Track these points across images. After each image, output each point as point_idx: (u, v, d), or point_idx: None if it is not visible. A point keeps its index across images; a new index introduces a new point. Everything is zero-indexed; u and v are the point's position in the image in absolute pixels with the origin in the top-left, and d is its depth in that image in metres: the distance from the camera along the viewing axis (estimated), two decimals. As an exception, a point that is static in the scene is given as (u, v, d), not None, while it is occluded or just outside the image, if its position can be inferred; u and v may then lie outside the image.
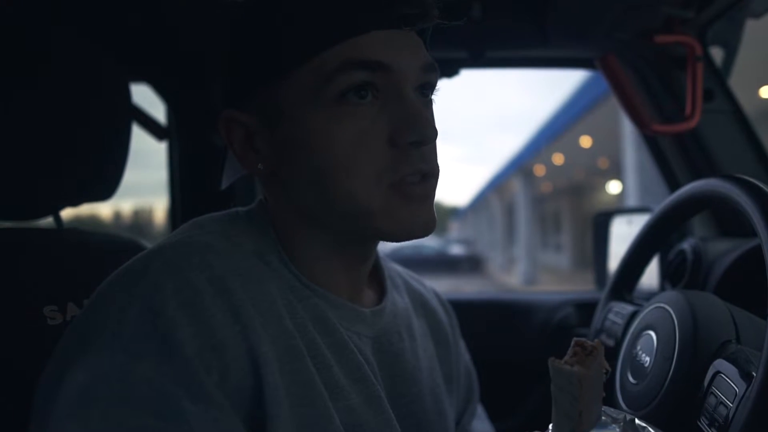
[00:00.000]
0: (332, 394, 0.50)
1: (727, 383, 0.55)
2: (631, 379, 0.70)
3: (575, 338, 0.45)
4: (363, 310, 0.57)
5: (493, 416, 1.24)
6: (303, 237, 0.54)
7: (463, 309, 1.41)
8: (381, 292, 0.63)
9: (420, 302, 0.71)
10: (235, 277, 0.46)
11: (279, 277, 0.52)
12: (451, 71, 1.22)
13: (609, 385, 0.77)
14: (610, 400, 0.77)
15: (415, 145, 0.50)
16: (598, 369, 0.43)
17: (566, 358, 0.43)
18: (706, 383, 0.58)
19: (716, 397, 0.55)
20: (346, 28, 0.48)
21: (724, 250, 0.99)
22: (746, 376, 0.53)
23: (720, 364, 0.58)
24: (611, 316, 0.84)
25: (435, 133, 0.50)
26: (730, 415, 0.52)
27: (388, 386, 0.58)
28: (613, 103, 1.35)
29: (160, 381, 0.40)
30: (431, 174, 0.52)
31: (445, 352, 0.70)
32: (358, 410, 0.52)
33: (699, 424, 0.57)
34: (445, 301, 0.77)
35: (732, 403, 0.53)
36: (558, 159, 13.53)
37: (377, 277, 0.65)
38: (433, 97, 0.55)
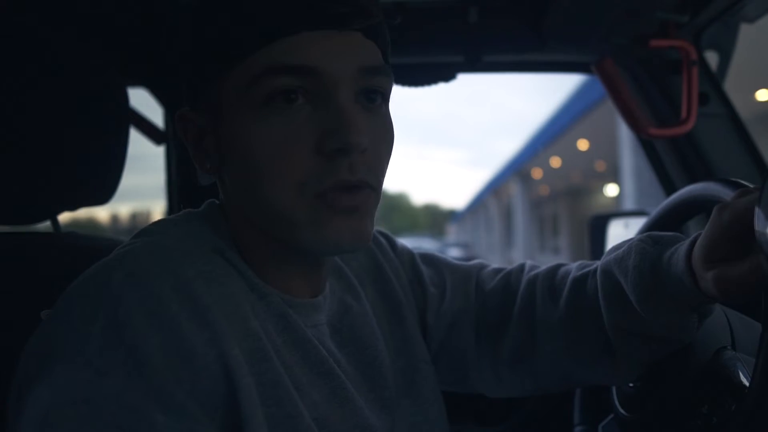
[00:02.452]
0: (298, 392, 0.49)
1: (721, 391, 0.55)
2: (627, 381, 0.71)
3: None
4: (317, 300, 0.57)
5: (492, 417, 1.24)
6: (254, 239, 0.54)
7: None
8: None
9: (372, 269, 0.69)
10: (199, 282, 0.45)
11: (240, 275, 0.51)
12: (447, 75, 1.22)
13: (606, 386, 0.77)
14: (606, 401, 0.77)
15: (341, 153, 0.47)
16: None
17: None
18: (700, 390, 0.58)
19: (710, 405, 0.56)
20: (272, 30, 0.47)
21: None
22: (739, 386, 0.54)
23: (714, 372, 0.58)
24: (608, 319, 0.84)
25: (360, 140, 0.47)
26: (724, 424, 0.52)
27: (353, 361, 0.58)
28: (610, 107, 1.36)
29: (129, 396, 0.39)
30: (361, 185, 0.49)
31: (383, 284, 0.68)
32: (322, 405, 0.51)
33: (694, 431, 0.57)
34: (402, 248, 0.73)
35: (725, 413, 0.53)
36: (555, 162, 13.56)
37: None
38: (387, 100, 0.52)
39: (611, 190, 14.04)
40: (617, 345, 0.63)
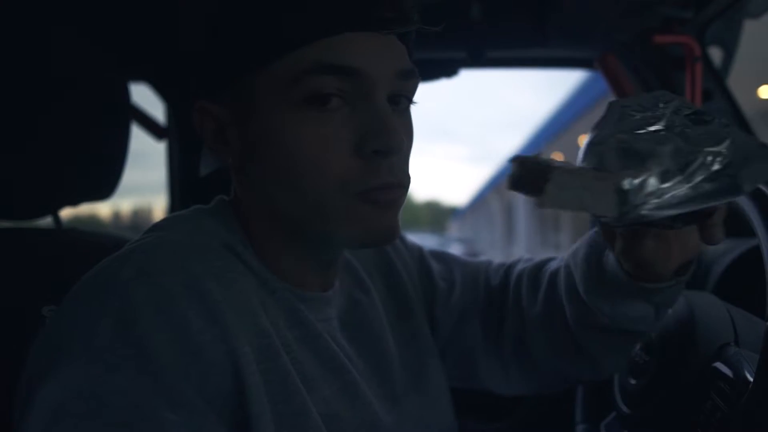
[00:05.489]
0: (308, 388, 0.49)
1: (724, 388, 0.55)
2: (630, 378, 0.70)
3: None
4: (328, 294, 0.57)
5: (496, 414, 1.24)
6: (271, 234, 0.53)
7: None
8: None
9: (382, 264, 0.69)
10: (209, 278, 0.45)
11: (251, 271, 0.51)
12: (450, 71, 1.22)
13: (608, 383, 0.77)
14: (609, 399, 0.77)
15: (381, 154, 0.48)
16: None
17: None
18: (703, 386, 0.58)
19: (713, 401, 0.55)
20: (319, 28, 0.47)
21: (723, 250, 1.00)
22: (743, 382, 0.53)
23: (718, 367, 0.58)
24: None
25: (401, 143, 0.48)
26: (726, 421, 0.52)
27: (362, 355, 0.59)
28: (612, 103, 1.35)
29: (137, 392, 0.39)
30: (398, 185, 0.50)
31: (392, 278, 0.68)
32: (333, 401, 0.52)
33: (696, 428, 0.57)
34: (412, 243, 0.75)
35: (728, 408, 0.53)
36: (557, 158, 13.53)
37: None
38: (413, 103, 0.54)
39: (613, 186, 13.98)
40: (580, 339, 0.63)
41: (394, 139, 0.47)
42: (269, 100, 0.48)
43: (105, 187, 0.74)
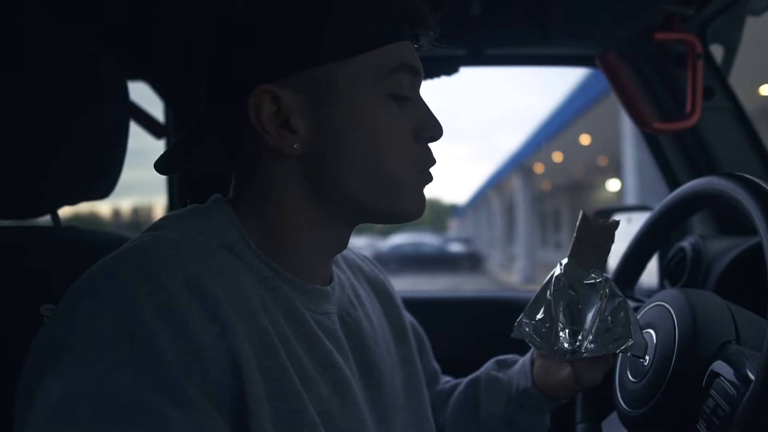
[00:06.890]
0: (304, 386, 0.50)
1: (726, 386, 0.55)
2: (630, 377, 0.70)
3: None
4: (327, 288, 0.59)
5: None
6: (299, 220, 0.55)
7: (463, 307, 1.41)
8: None
9: (356, 267, 0.73)
10: (208, 276, 0.45)
11: (249, 269, 0.52)
12: (450, 69, 1.21)
13: (609, 382, 0.76)
14: (609, 398, 0.76)
15: (431, 140, 0.59)
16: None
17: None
18: (704, 385, 0.58)
19: (714, 399, 0.55)
20: (400, 32, 0.55)
21: (724, 248, 0.99)
22: (744, 380, 0.53)
23: (719, 366, 0.57)
24: (611, 314, 0.84)
25: (443, 131, 0.59)
26: (728, 419, 0.52)
27: (354, 357, 0.60)
28: (613, 101, 1.36)
29: (139, 390, 0.39)
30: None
31: (390, 306, 0.74)
32: (327, 398, 0.53)
33: (698, 426, 0.57)
34: (372, 259, 0.81)
35: (730, 407, 0.53)
36: (557, 157, 13.54)
37: None
38: None
39: (613, 185, 14.01)
40: None
41: (441, 128, 0.59)
42: (354, 90, 0.53)
43: (104, 186, 0.74)
